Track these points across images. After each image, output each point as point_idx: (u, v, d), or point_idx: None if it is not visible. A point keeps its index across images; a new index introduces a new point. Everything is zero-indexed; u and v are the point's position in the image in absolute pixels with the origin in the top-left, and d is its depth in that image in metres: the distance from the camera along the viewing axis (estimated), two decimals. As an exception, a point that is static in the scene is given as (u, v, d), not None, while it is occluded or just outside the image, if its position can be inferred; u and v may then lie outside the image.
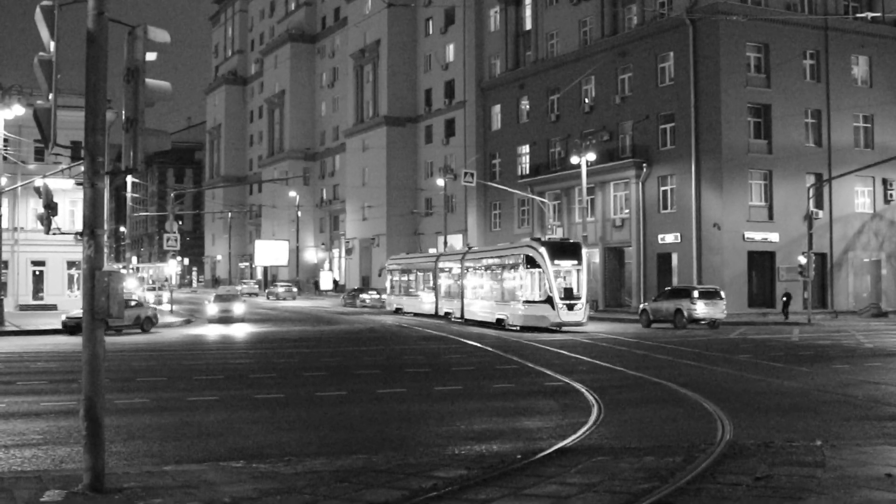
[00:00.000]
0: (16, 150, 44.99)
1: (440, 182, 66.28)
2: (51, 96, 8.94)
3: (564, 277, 35.88)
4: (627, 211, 52.02)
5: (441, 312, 46.42)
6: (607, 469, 9.55)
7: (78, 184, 35.93)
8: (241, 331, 36.83)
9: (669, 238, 49.07)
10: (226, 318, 42.64)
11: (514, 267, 37.70)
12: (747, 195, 47.00)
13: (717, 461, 9.84)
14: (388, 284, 56.66)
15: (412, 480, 9.02)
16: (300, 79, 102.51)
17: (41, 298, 52.60)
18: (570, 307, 35.20)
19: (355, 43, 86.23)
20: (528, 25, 63.54)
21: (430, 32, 77.71)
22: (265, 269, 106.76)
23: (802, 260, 41.89)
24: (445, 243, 64.15)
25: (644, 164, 50.40)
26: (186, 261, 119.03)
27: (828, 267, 48.53)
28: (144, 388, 17.32)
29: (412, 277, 52.09)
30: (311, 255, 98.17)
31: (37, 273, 53.00)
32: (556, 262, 35.65)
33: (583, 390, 16.57)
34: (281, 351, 26.86)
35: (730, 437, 11.63)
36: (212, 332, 36.61)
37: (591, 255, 54.68)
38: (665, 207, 49.81)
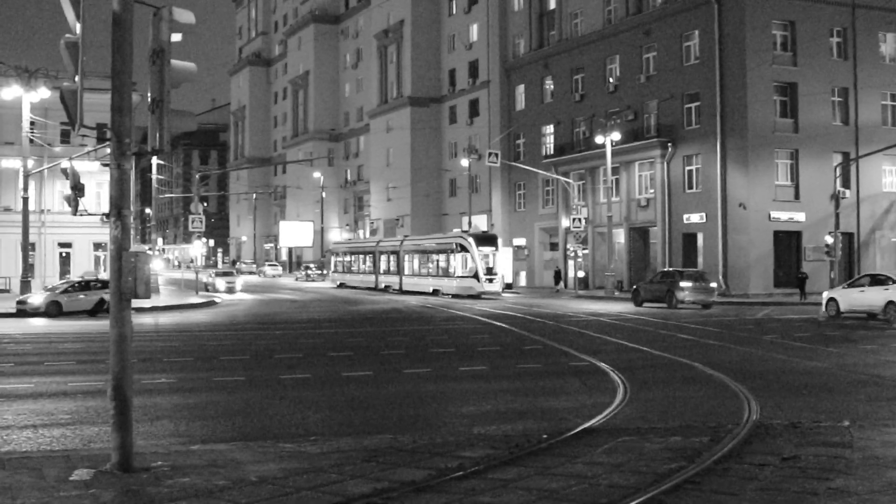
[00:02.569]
0: (42, 132, 45.32)
1: (464, 162, 66.15)
2: (77, 78, 8.97)
3: (485, 259, 46.76)
4: (652, 191, 51.75)
5: (381, 286, 57.62)
6: (634, 449, 9.54)
7: (104, 165, 35.87)
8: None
9: (695, 218, 48.78)
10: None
11: (450, 251, 48.84)
12: (773, 174, 46.62)
13: (744, 441, 9.80)
14: (332, 264, 70.15)
15: (438, 460, 9.04)
16: (324, 60, 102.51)
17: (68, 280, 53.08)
18: (490, 280, 46.52)
19: (379, 23, 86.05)
20: (552, 5, 63.10)
21: (454, 12, 77.37)
22: (290, 249, 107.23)
23: (829, 240, 41.56)
24: (470, 223, 64.20)
25: (669, 144, 50.08)
26: (212, 242, 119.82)
27: (854, 247, 48.06)
28: (171, 369, 17.43)
29: (354, 258, 64.56)
30: (336, 235, 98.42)
31: (63, 255, 53.43)
32: (481, 248, 47.02)
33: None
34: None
35: (756, 417, 11.58)
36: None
37: (616, 236, 54.57)
38: (690, 187, 49.49)
